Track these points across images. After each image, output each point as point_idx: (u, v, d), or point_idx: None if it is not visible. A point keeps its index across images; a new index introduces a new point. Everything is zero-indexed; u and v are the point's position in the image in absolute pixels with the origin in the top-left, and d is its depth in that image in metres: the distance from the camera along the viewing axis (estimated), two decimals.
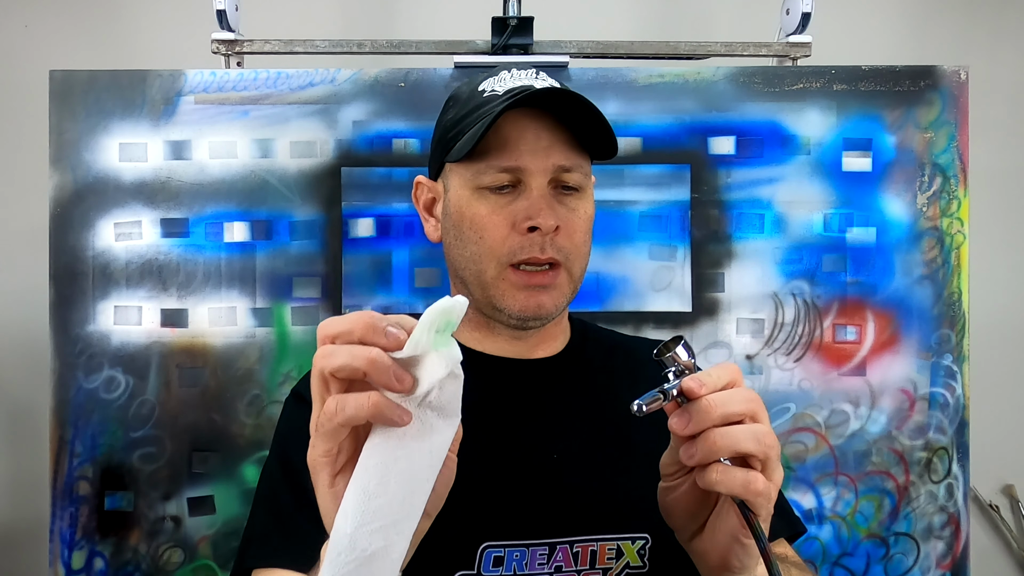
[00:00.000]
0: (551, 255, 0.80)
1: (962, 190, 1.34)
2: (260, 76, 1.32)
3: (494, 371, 0.86)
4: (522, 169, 0.80)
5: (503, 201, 0.81)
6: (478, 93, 0.83)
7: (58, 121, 1.31)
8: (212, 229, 1.31)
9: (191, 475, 1.29)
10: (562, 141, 0.80)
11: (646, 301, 1.33)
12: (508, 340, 0.87)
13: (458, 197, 0.83)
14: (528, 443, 0.83)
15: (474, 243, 0.82)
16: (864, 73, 1.34)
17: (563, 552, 0.79)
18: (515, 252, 0.80)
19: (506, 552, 0.78)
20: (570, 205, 0.82)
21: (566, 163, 0.80)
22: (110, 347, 1.29)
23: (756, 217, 1.34)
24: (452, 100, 0.87)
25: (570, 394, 0.87)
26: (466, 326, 0.89)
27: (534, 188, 0.80)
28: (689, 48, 1.42)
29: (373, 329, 0.53)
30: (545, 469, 0.82)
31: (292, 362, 1.30)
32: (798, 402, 1.32)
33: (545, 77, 0.83)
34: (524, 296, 0.81)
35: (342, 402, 0.53)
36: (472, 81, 0.86)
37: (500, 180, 0.80)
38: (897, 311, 1.33)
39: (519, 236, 0.80)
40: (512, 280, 0.81)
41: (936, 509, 1.33)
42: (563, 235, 0.81)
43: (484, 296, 0.83)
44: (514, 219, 0.80)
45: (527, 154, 0.79)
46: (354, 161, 1.32)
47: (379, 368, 0.52)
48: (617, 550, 0.80)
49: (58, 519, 1.28)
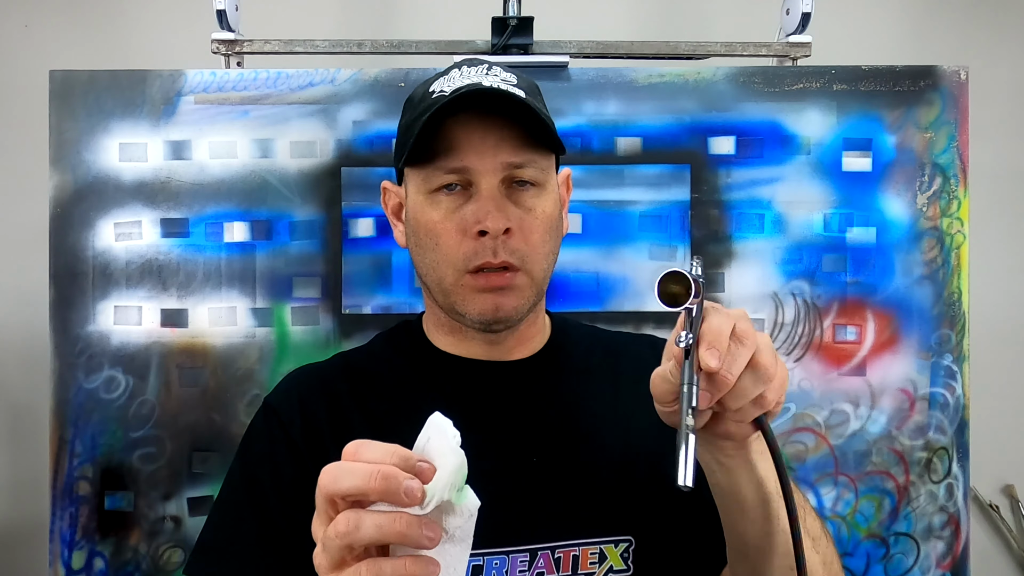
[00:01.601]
0: (504, 258, 0.77)
1: (962, 190, 1.34)
2: (260, 76, 1.32)
3: (469, 374, 0.85)
4: (469, 169, 0.77)
5: (453, 205, 0.78)
6: (429, 94, 0.80)
7: (58, 121, 1.31)
8: (212, 229, 1.31)
9: (191, 475, 1.29)
10: (512, 138, 0.77)
11: (646, 301, 1.33)
12: (482, 344, 0.85)
13: (415, 203, 0.81)
14: (506, 447, 0.81)
15: (431, 250, 0.80)
16: (864, 73, 1.34)
17: (544, 558, 0.77)
18: (469, 258, 0.78)
19: (485, 560, 0.76)
20: (526, 204, 0.79)
21: (516, 159, 0.77)
22: (110, 347, 1.29)
23: (756, 217, 1.34)
24: (407, 102, 0.85)
25: (548, 395, 0.85)
26: (439, 330, 0.87)
27: (483, 189, 0.77)
28: (689, 48, 1.42)
29: (389, 492, 0.49)
30: (524, 473, 0.80)
31: (292, 362, 1.30)
32: (798, 402, 1.32)
33: (497, 71, 0.80)
34: (482, 299, 0.79)
35: (356, 520, 0.50)
36: (427, 82, 0.83)
37: (447, 181, 0.78)
38: (897, 311, 1.33)
39: (471, 241, 0.77)
40: (470, 284, 0.79)
41: (936, 509, 1.33)
42: (517, 237, 0.78)
43: (447, 302, 0.81)
44: (464, 224, 0.78)
45: (472, 154, 0.77)
46: (354, 161, 1.32)
47: (410, 527, 0.49)
48: (600, 554, 0.79)
49: (58, 519, 1.28)
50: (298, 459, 0.80)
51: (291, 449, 0.80)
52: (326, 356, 0.95)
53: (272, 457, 0.81)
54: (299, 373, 0.90)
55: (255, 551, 0.78)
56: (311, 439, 0.80)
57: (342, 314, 1.31)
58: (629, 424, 0.84)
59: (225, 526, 0.81)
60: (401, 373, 0.86)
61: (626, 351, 0.92)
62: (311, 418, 0.82)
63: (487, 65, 0.81)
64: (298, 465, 0.79)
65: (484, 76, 0.79)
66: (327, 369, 0.89)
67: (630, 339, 0.96)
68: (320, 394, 0.84)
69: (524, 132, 0.78)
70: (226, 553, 0.79)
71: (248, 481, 0.82)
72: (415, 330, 0.90)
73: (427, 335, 0.88)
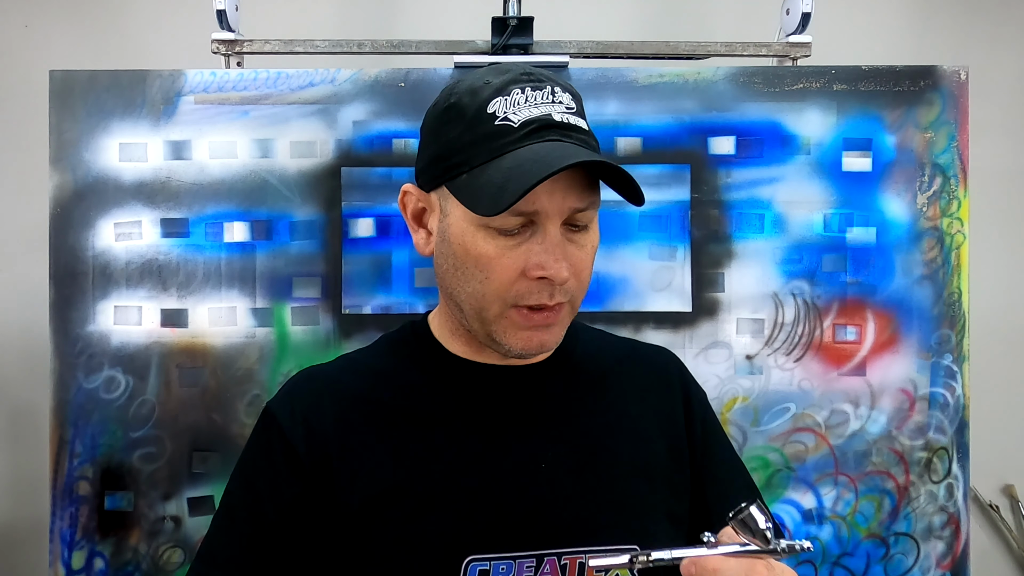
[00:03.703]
0: (559, 300, 0.76)
1: (962, 190, 1.34)
2: (260, 76, 1.32)
3: (481, 378, 0.84)
4: (538, 212, 0.73)
5: (512, 243, 0.74)
6: (487, 116, 0.74)
7: (58, 121, 1.31)
8: (212, 229, 1.31)
9: (191, 475, 1.29)
10: (578, 181, 0.74)
11: (646, 301, 1.33)
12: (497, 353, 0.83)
13: (461, 230, 0.76)
14: (515, 452, 0.80)
15: (479, 281, 0.76)
16: (864, 73, 1.34)
17: (551, 564, 0.77)
18: (523, 296, 0.75)
19: (492, 565, 0.76)
20: (579, 242, 0.77)
21: (581, 204, 0.75)
22: (110, 347, 1.29)
23: (756, 217, 1.34)
24: (454, 111, 0.77)
25: (559, 400, 0.84)
26: (454, 336, 0.85)
27: (548, 233, 0.74)
28: (689, 48, 1.42)
29: None
30: (533, 478, 0.79)
31: (292, 362, 1.30)
32: (798, 402, 1.32)
33: (560, 95, 0.76)
34: (527, 336, 0.77)
35: None
36: (477, 92, 0.76)
37: (512, 224, 0.74)
38: (897, 311, 1.33)
39: (527, 281, 0.75)
40: (515, 319, 0.77)
41: (936, 509, 1.33)
42: (571, 279, 0.76)
43: (484, 330, 0.79)
44: (525, 265, 0.74)
45: (544, 197, 0.73)
46: (354, 161, 1.32)
47: None
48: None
49: (58, 519, 1.28)
50: (296, 467, 0.79)
51: (289, 457, 0.80)
52: (326, 356, 0.94)
53: (270, 467, 0.81)
54: (302, 377, 0.88)
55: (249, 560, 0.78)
56: (313, 444, 0.80)
57: (342, 314, 1.31)
58: (639, 431, 0.84)
59: (220, 535, 0.82)
60: (410, 376, 0.85)
61: (637, 358, 0.92)
62: (314, 423, 0.81)
63: (550, 88, 0.76)
64: (296, 473, 0.79)
65: (552, 105, 0.75)
66: (331, 372, 0.88)
67: (641, 347, 0.96)
68: (324, 398, 0.83)
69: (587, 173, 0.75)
70: (219, 561, 0.80)
71: (245, 491, 0.82)
72: (423, 332, 0.88)
73: (438, 338, 0.87)
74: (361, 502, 0.77)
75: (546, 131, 0.74)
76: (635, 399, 0.87)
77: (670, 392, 0.89)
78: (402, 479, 0.77)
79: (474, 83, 0.77)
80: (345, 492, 0.78)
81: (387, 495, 0.77)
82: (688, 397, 0.89)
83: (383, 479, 0.78)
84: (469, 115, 0.75)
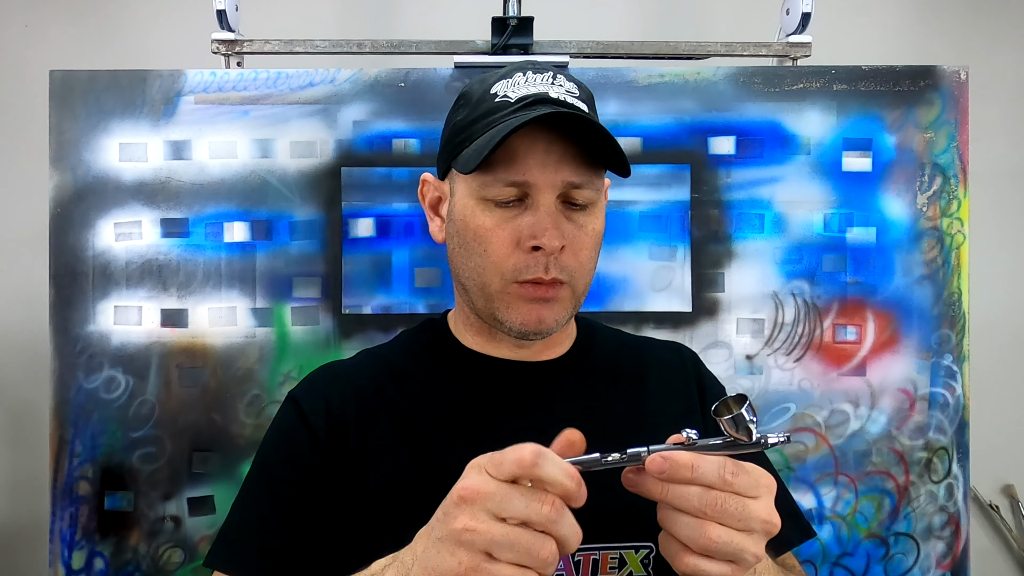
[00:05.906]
0: (555, 275, 0.77)
1: (962, 190, 1.34)
2: (260, 76, 1.32)
3: (497, 373, 0.85)
4: (530, 184, 0.77)
5: (508, 215, 0.78)
6: (490, 96, 0.79)
7: (58, 121, 1.31)
8: (212, 229, 1.31)
9: (191, 475, 1.29)
10: (573, 155, 0.77)
11: (646, 301, 1.33)
12: (511, 345, 0.86)
13: (463, 206, 0.80)
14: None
15: (478, 255, 0.79)
16: (864, 73, 1.34)
17: (564, 561, 0.77)
18: (520, 271, 0.78)
19: None
20: (578, 222, 0.79)
21: (576, 179, 0.77)
22: (110, 347, 1.29)
23: (756, 217, 1.34)
24: (463, 98, 0.84)
25: (574, 396, 0.86)
26: (468, 329, 0.88)
27: (541, 204, 0.77)
28: (689, 48, 1.42)
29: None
30: None
31: (292, 362, 1.30)
32: (798, 402, 1.32)
33: (562, 81, 0.80)
34: (526, 309, 0.79)
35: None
36: (486, 80, 0.82)
37: (506, 194, 0.77)
38: (897, 311, 1.33)
39: (523, 254, 0.77)
40: (516, 293, 0.79)
41: (936, 509, 1.33)
42: (568, 254, 0.78)
43: (487, 307, 0.82)
44: (519, 236, 0.77)
45: (535, 168, 0.76)
46: (354, 161, 1.32)
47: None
48: (620, 559, 0.79)
49: (58, 519, 1.28)
50: (317, 448, 0.81)
51: (311, 438, 0.81)
52: (326, 357, 0.95)
53: (290, 448, 0.82)
54: (324, 369, 0.91)
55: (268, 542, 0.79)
56: (333, 429, 0.81)
57: (342, 314, 1.31)
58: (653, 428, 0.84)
59: (240, 518, 0.82)
60: (428, 370, 0.87)
61: (652, 356, 0.93)
62: (335, 409, 0.83)
63: (552, 73, 0.80)
64: (317, 453, 0.81)
65: (550, 86, 0.79)
66: (351, 365, 0.90)
67: (656, 344, 0.97)
68: (346, 387, 0.85)
69: (584, 151, 0.77)
70: (236, 544, 0.80)
71: (264, 472, 0.83)
72: (441, 328, 0.91)
73: (455, 333, 0.89)
74: (375, 490, 0.78)
75: (541, 105, 0.77)
76: (651, 396, 0.88)
77: (686, 388, 0.90)
78: (418, 470, 0.79)
79: (486, 75, 0.83)
80: (360, 479, 0.79)
81: (401, 485, 0.78)
82: (703, 391, 0.91)
83: (398, 469, 0.79)
84: (475, 98, 0.81)
